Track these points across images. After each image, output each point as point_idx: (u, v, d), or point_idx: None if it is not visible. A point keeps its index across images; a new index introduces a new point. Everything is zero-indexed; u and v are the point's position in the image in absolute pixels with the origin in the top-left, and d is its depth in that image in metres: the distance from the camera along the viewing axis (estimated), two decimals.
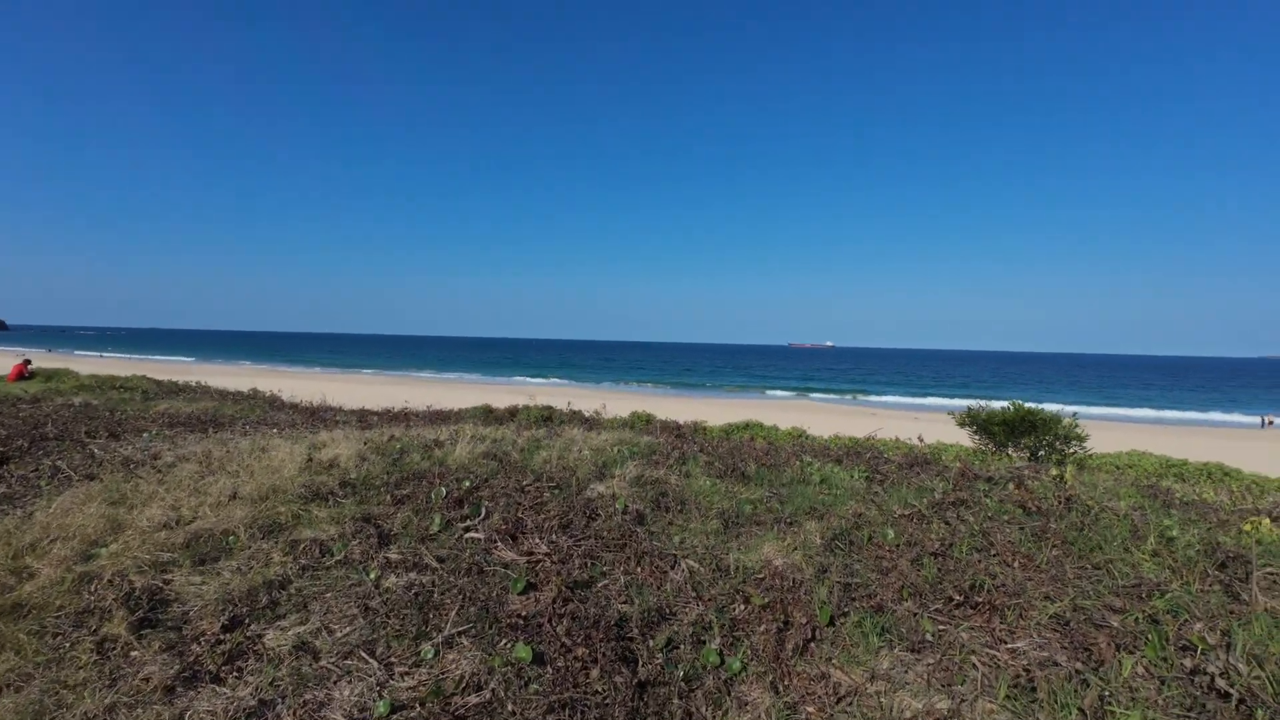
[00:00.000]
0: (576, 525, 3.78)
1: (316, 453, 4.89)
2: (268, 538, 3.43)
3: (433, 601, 2.88)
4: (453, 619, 2.69)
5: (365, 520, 3.69)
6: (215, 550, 3.27)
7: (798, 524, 4.01)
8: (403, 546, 3.37)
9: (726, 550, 3.60)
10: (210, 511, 3.68)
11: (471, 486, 4.25)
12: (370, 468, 4.61)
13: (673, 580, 3.21)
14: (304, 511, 3.78)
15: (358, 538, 3.41)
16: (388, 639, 2.60)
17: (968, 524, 3.93)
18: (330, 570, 3.13)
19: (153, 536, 3.32)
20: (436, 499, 3.99)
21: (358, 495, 4.13)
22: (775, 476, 5.11)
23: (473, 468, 4.78)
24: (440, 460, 4.89)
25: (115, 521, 3.47)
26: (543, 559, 3.28)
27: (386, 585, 3.00)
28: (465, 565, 3.20)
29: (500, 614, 2.75)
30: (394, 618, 2.75)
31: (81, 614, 2.67)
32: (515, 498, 4.14)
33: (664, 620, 2.87)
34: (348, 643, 2.57)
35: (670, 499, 4.33)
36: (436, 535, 3.55)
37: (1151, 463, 10.49)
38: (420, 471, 4.62)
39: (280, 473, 4.39)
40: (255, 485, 4.04)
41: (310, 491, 4.07)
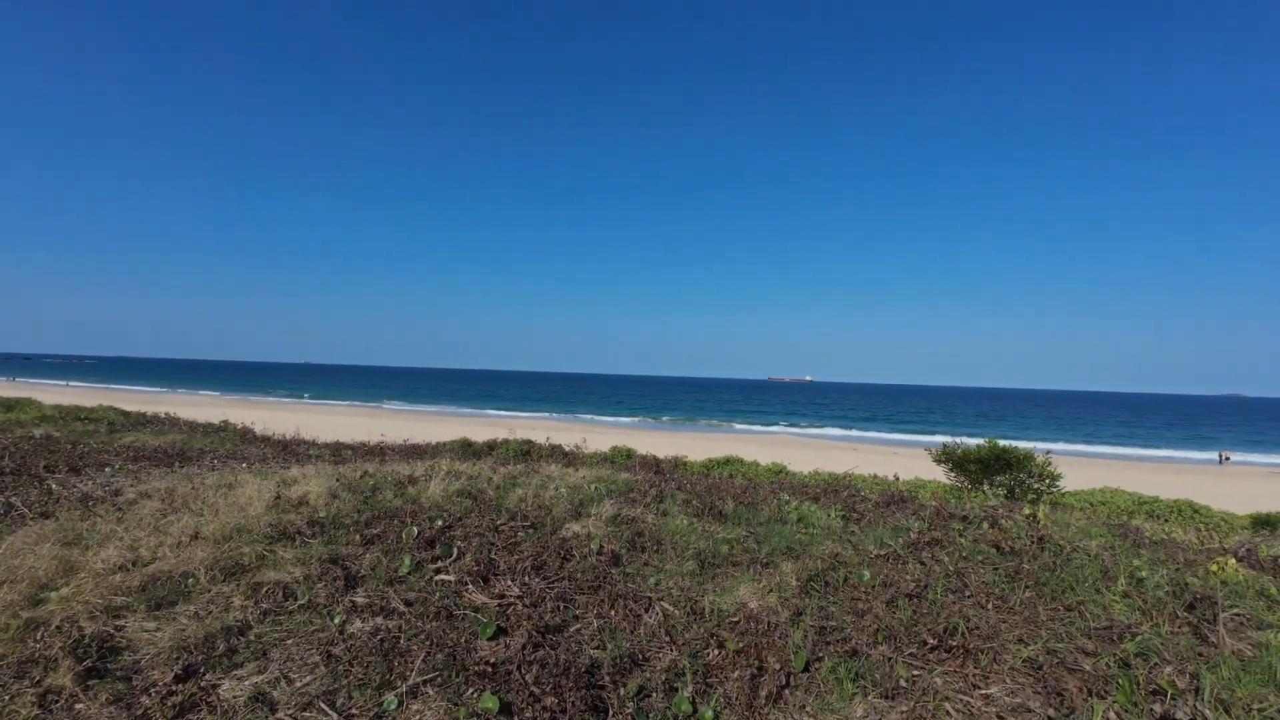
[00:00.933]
0: (550, 566, 3.72)
1: (285, 489, 4.77)
2: (229, 580, 3.32)
3: (399, 648, 2.79)
4: (418, 667, 2.61)
5: (332, 561, 3.59)
6: (173, 594, 3.15)
7: (774, 565, 3.98)
8: (370, 589, 3.28)
9: (702, 592, 3.56)
10: (170, 552, 3.55)
11: (444, 526, 4.17)
12: (341, 505, 4.50)
13: (647, 624, 3.16)
14: (269, 552, 3.67)
15: (323, 580, 3.32)
16: (349, 689, 2.51)
17: (943, 564, 3.94)
18: (293, 615, 3.02)
19: (107, 579, 3.19)
20: (407, 539, 3.91)
21: (326, 535, 4.03)
22: (753, 515, 5.09)
23: (446, 506, 4.69)
24: (413, 498, 4.80)
25: (68, 563, 3.33)
26: (514, 602, 3.21)
27: (351, 631, 2.91)
28: (434, 609, 3.12)
29: (468, 661, 2.67)
30: (357, 665, 2.66)
31: (25, 663, 2.54)
32: (489, 538, 4.06)
33: (636, 666, 2.81)
34: (307, 693, 2.47)
35: (646, 539, 4.28)
36: (406, 577, 3.46)
37: (1123, 500, 10.65)
38: (392, 510, 4.52)
39: (246, 511, 4.27)
40: (219, 524, 3.92)
41: (277, 531, 3.96)
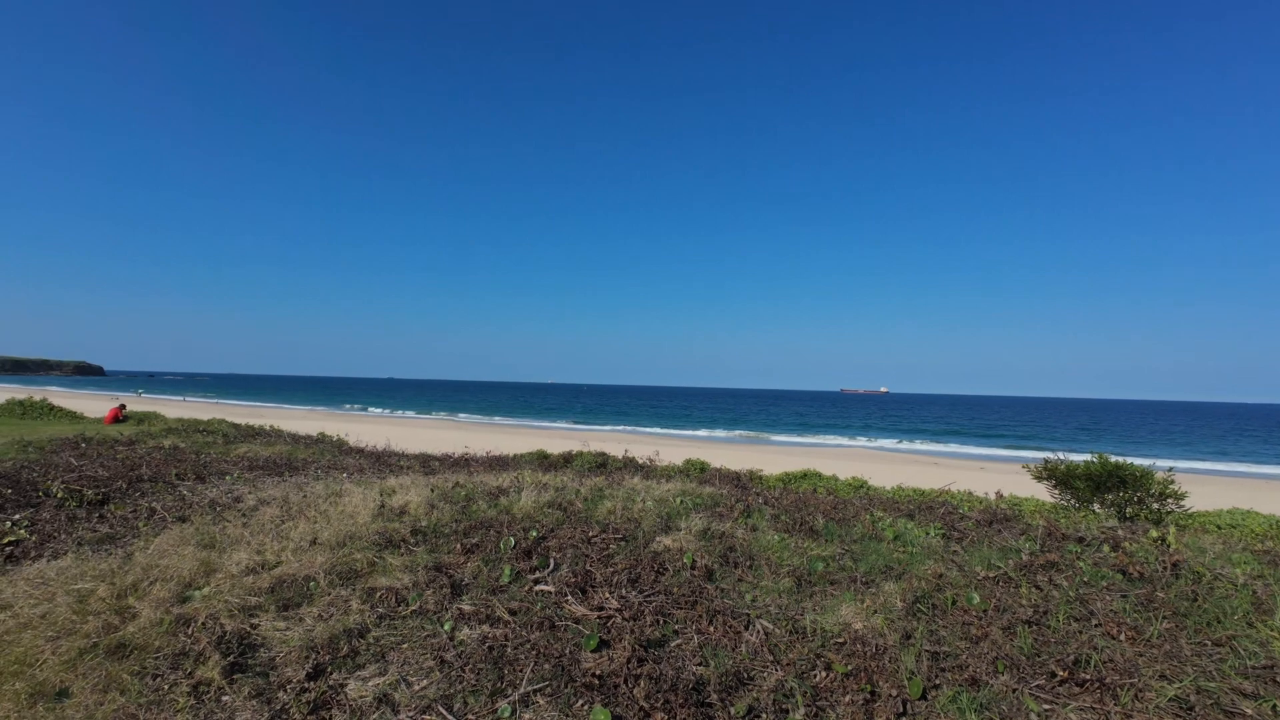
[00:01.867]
0: (645, 580, 3.72)
1: (388, 499, 5.02)
2: (346, 584, 3.51)
3: (506, 656, 2.86)
4: (528, 676, 2.67)
5: (437, 569, 3.74)
6: (298, 596, 3.36)
7: (875, 584, 3.83)
8: (475, 598, 3.39)
9: (801, 611, 3.46)
10: (292, 556, 3.80)
11: (538, 537, 4.26)
12: (439, 515, 4.69)
13: (748, 641, 3.10)
14: (379, 559, 3.86)
15: (431, 587, 3.46)
16: (464, 694, 2.60)
17: (1062, 590, 3.67)
18: (406, 620, 3.16)
19: (241, 581, 3.45)
20: (505, 549, 4.02)
21: (429, 543, 4.20)
22: (845, 532, 4.92)
23: (538, 517, 4.80)
24: (506, 509, 4.94)
25: (207, 565, 3.63)
26: (614, 615, 3.23)
27: (460, 637, 3.01)
28: (537, 619, 3.18)
29: (575, 672, 2.70)
30: (469, 672, 2.74)
31: (178, 656, 2.77)
32: (582, 549, 4.12)
33: (742, 685, 2.75)
34: (425, 696, 2.57)
35: (738, 554, 4.22)
36: (507, 587, 3.56)
37: (1258, 522, 9.57)
38: (487, 520, 4.67)
39: (355, 519, 4.52)
40: (333, 531, 4.17)
41: (384, 539, 4.17)
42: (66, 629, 2.96)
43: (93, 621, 3.01)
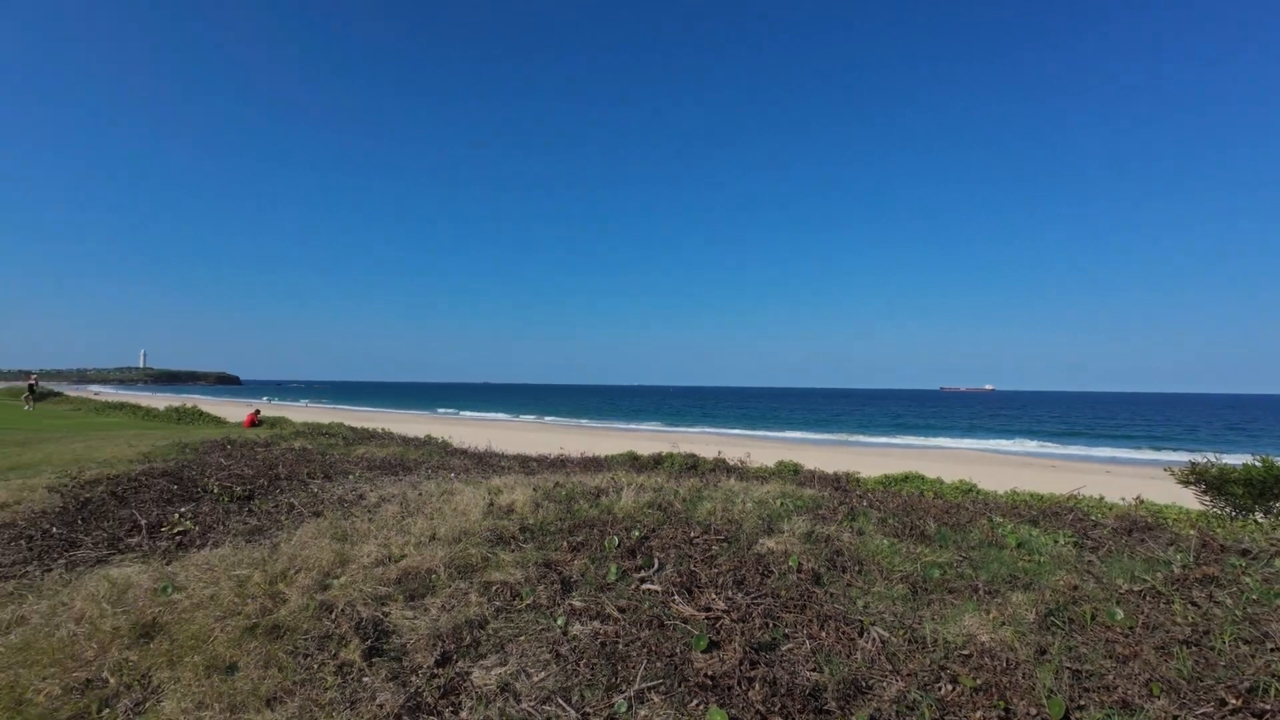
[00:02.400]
0: (750, 582, 3.68)
1: (496, 498, 5.26)
2: (464, 578, 3.71)
3: (618, 653, 2.92)
4: (641, 673, 2.70)
5: (546, 566, 3.87)
6: (422, 588, 3.59)
7: (999, 594, 3.58)
8: (584, 595, 3.48)
9: (919, 619, 3.29)
10: (414, 550, 4.07)
11: (641, 537, 4.32)
12: (544, 514, 4.85)
13: (863, 649, 2.99)
14: (491, 555, 4.05)
15: (543, 583, 3.58)
16: (580, 688, 2.67)
17: (1225, 608, 3.28)
18: (521, 614, 3.30)
19: (371, 572, 3.73)
20: (610, 548, 4.10)
21: (536, 541, 4.36)
22: (960, 538, 4.63)
23: (639, 517, 4.86)
24: (608, 509, 5.04)
25: (342, 556, 3.95)
26: (721, 616, 3.22)
27: (574, 632, 3.10)
28: (645, 618, 3.22)
29: (687, 672, 2.71)
30: (584, 666, 2.81)
31: (323, 639, 3.03)
32: (685, 550, 4.13)
33: (860, 694, 2.66)
34: (544, 688, 2.67)
35: (846, 558, 4.08)
36: (614, 585, 3.62)
37: None
38: (590, 519, 4.78)
39: (467, 516, 4.77)
40: (449, 527, 4.42)
41: (494, 535, 4.36)
42: (231, 610, 3.31)
43: (251, 604, 3.35)
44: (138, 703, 2.67)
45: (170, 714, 2.52)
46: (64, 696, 2.75)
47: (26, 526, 5.29)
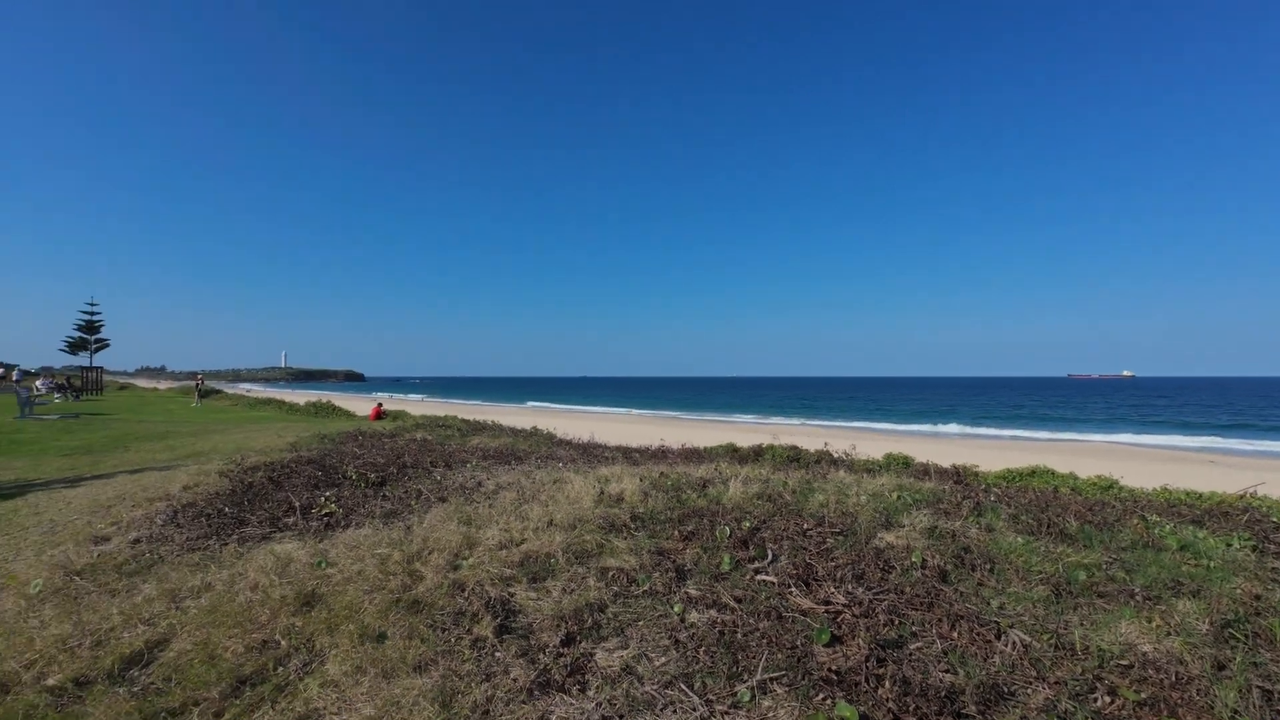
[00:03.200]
0: (870, 577, 3.54)
1: (605, 486, 5.40)
2: (581, 563, 3.84)
3: (737, 642, 2.91)
4: (762, 664, 2.68)
5: (659, 554, 3.93)
6: (542, 571, 3.76)
7: (1161, 601, 3.22)
8: (699, 583, 3.50)
9: (1064, 624, 3.03)
10: (533, 535, 4.26)
11: (752, 528, 4.28)
12: (654, 503, 4.93)
13: (1001, 652, 2.79)
14: (605, 541, 4.16)
15: (658, 570, 3.64)
16: (701, 674, 2.69)
17: None
18: (638, 600, 3.37)
19: (496, 554, 3.95)
20: (721, 538, 4.09)
21: (647, 529, 4.43)
22: (1108, 538, 4.21)
23: (748, 508, 4.81)
24: (716, 499, 5.03)
25: (469, 539, 4.22)
26: (842, 610, 3.13)
27: (691, 620, 3.12)
28: (762, 608, 3.19)
29: (810, 665, 2.66)
30: (703, 654, 2.83)
31: (458, 615, 3.25)
32: (798, 542, 4.05)
33: (1002, 699, 2.49)
34: (666, 672, 2.71)
35: (975, 555, 3.83)
36: (728, 575, 3.62)
37: None
38: (698, 509, 4.80)
39: (579, 504, 4.93)
40: (564, 514, 4.59)
41: (607, 523, 4.48)
42: (376, 585, 3.63)
43: (393, 580, 3.66)
44: (305, 663, 3.00)
45: (334, 675, 2.80)
46: (246, 654, 3.13)
47: (205, 506, 6.06)
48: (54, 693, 2.97)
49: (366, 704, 2.57)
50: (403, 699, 2.56)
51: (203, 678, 2.95)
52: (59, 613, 3.94)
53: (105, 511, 6.51)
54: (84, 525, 6.01)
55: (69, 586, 4.39)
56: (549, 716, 2.44)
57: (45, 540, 5.71)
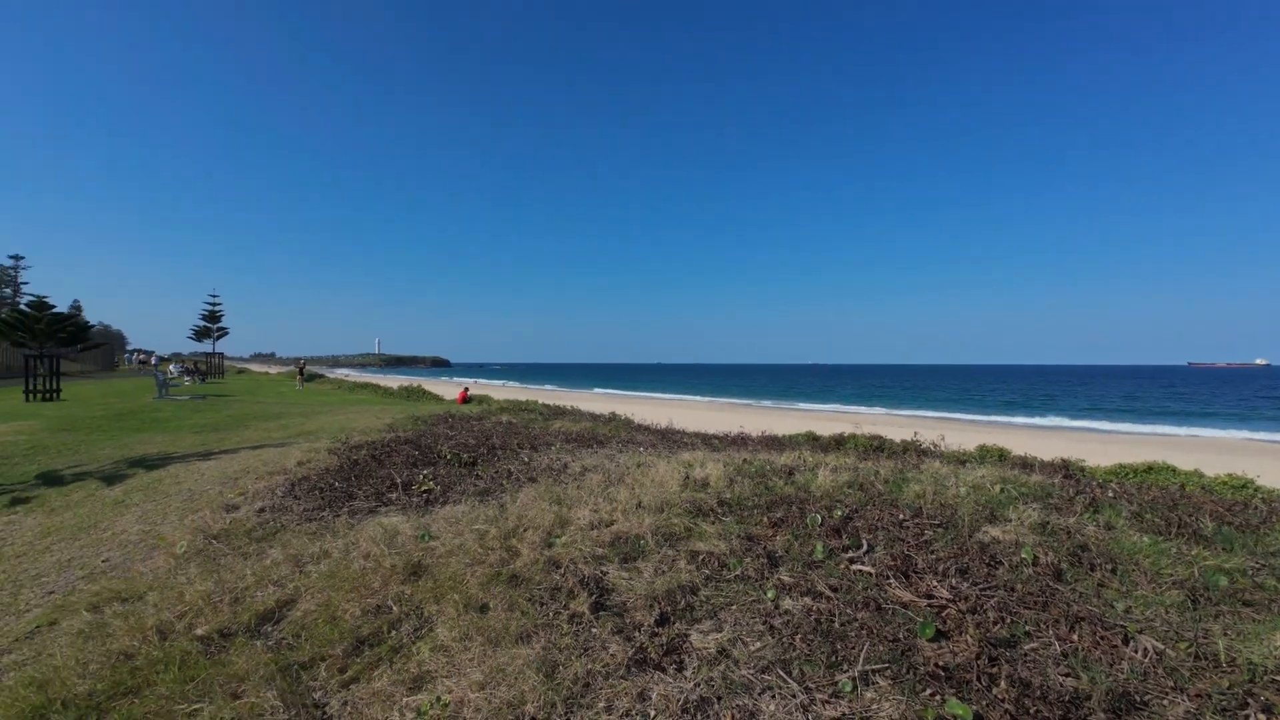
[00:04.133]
0: (975, 572, 3.36)
1: (690, 471, 5.40)
2: (670, 545, 3.87)
3: (834, 631, 2.85)
4: (864, 654, 2.61)
5: (749, 539, 3.90)
6: (633, 551, 3.81)
7: None
8: (792, 570, 3.45)
9: (1204, 632, 2.77)
10: (622, 516, 4.33)
11: (844, 516, 4.16)
12: (740, 489, 4.89)
13: (1130, 659, 2.59)
14: (693, 525, 4.17)
15: (749, 556, 3.61)
16: (799, 661, 2.65)
17: None
18: (730, 584, 3.36)
19: (588, 534, 4.05)
20: (812, 526, 4.01)
21: (734, 514, 4.40)
22: (1253, 541, 3.80)
23: (837, 496, 4.69)
24: (803, 486, 4.93)
25: (561, 519, 4.34)
26: (947, 605, 2.99)
27: (785, 607, 3.08)
28: (859, 599, 3.11)
29: (915, 659, 2.57)
30: (800, 641, 2.79)
31: (554, 590, 3.36)
32: (894, 533, 3.90)
33: (1134, 709, 2.30)
34: (762, 657, 2.69)
35: (1093, 555, 3.56)
36: (821, 563, 3.54)
37: None
38: (786, 496, 4.72)
39: (665, 488, 4.97)
40: (651, 497, 4.64)
41: (694, 507, 4.49)
42: (476, 559, 3.81)
43: (492, 555, 3.83)
44: (416, 628, 3.19)
45: (444, 640, 2.97)
46: (363, 617, 3.37)
47: (317, 480, 6.56)
48: (203, 641, 3.31)
49: (475, 669, 2.71)
50: (508, 667, 2.67)
51: (327, 636, 3.21)
52: (201, 571, 4.38)
53: (233, 483, 7.18)
54: (216, 494, 6.66)
55: (208, 548, 4.88)
56: (648, 693, 2.48)
57: (185, 506, 6.37)
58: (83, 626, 3.74)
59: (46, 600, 4.39)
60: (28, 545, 5.62)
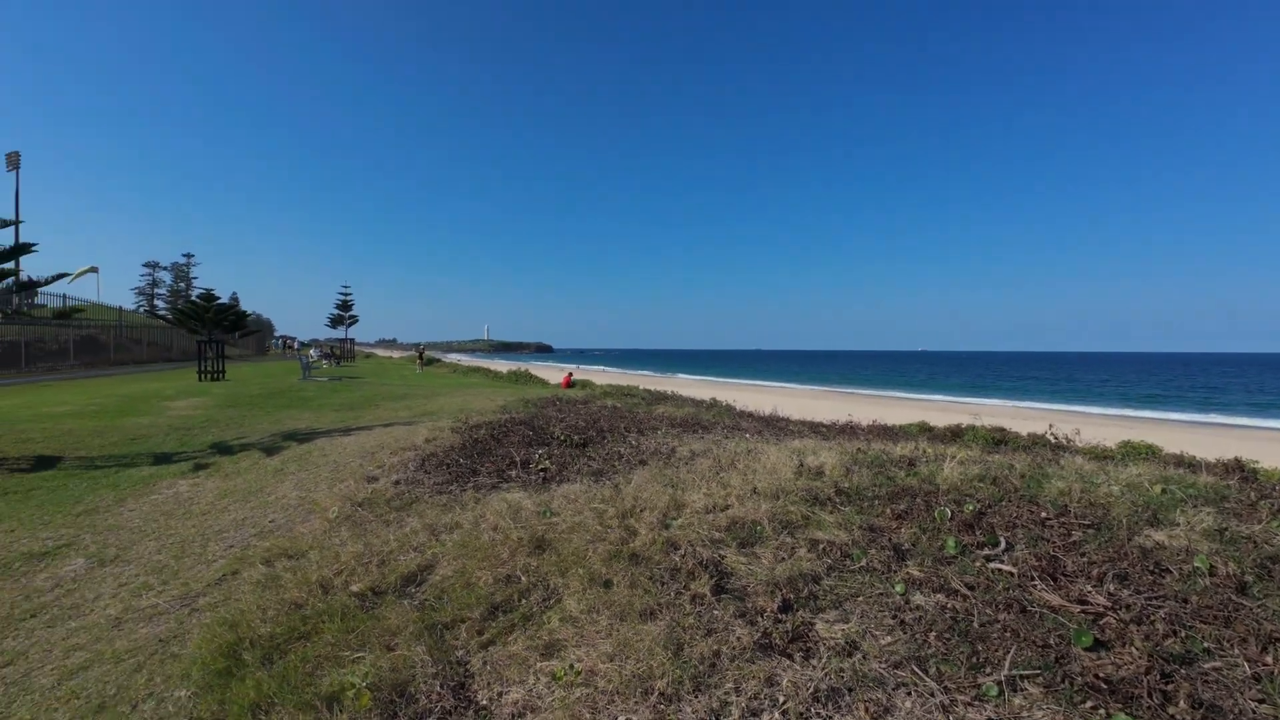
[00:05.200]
0: (1138, 580, 3.04)
1: (804, 459, 5.28)
2: (787, 533, 3.81)
3: (974, 631, 2.69)
4: (1010, 658, 2.45)
5: (871, 530, 3.76)
6: (750, 537, 3.79)
7: None
8: (922, 565, 3.29)
9: None
10: (736, 502, 4.32)
11: (976, 511, 3.90)
12: (858, 479, 4.71)
13: None
14: (811, 513, 4.08)
15: (873, 547, 3.49)
16: (935, 660, 2.53)
17: None
18: (855, 575, 3.26)
19: (703, 517, 4.07)
20: (941, 519, 3.79)
21: (854, 504, 4.26)
22: None
23: (966, 490, 4.40)
24: (928, 478, 4.67)
25: (676, 501, 4.40)
26: (1105, 613, 2.73)
27: (916, 602, 2.95)
28: (1000, 599, 2.91)
29: (1071, 668, 2.37)
30: (934, 638, 2.66)
31: (673, 571, 3.42)
32: (1035, 531, 3.61)
33: None
34: (894, 652, 2.59)
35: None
36: (954, 559, 3.35)
37: None
38: (908, 488, 4.49)
39: (778, 474, 4.88)
40: (765, 484, 4.58)
41: (810, 495, 4.39)
42: (596, 536, 3.95)
43: (611, 534, 3.95)
44: (544, 598, 3.36)
45: (573, 611, 3.11)
46: (495, 584, 3.59)
47: (443, 457, 7.05)
48: (359, 597, 3.67)
49: (604, 641, 2.81)
50: (636, 641, 2.76)
51: (464, 600, 3.45)
52: (351, 534, 4.85)
53: (370, 457, 7.87)
54: (358, 466, 7.33)
55: (355, 515, 5.39)
56: (776, 678, 2.47)
57: (333, 476, 7.07)
58: (259, 577, 4.26)
59: (228, 553, 5.04)
60: (210, 505, 6.48)
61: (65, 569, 4.80)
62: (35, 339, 31.47)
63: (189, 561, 4.90)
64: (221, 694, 2.89)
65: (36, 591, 4.39)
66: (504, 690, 2.66)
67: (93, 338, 36.76)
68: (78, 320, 35.03)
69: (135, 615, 3.97)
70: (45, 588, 4.46)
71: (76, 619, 3.96)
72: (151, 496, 6.82)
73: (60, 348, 33.06)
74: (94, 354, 35.92)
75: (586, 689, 2.52)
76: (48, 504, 6.49)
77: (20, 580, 4.59)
